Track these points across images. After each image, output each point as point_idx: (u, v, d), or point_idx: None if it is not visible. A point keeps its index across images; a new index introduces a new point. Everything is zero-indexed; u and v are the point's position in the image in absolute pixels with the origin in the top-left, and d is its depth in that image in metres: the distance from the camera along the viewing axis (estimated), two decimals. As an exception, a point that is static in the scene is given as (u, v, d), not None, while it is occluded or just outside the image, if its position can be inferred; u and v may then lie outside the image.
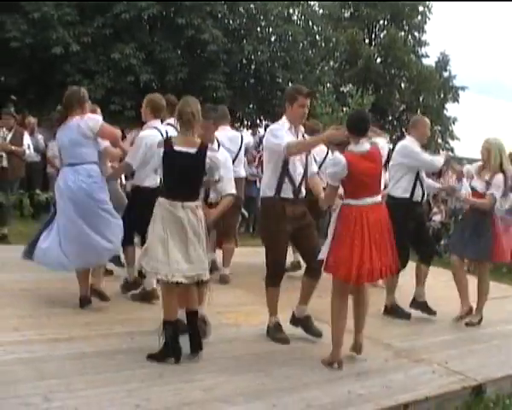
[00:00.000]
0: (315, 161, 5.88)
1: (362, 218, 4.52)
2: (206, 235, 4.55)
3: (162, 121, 6.21)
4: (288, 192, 5.15)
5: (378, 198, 4.69)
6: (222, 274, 7.44)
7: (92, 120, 5.56)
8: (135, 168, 5.88)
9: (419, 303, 6.54)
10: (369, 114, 5.65)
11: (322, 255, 4.75)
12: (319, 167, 6.32)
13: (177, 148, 4.44)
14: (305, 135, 5.44)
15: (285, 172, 5.13)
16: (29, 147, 9.84)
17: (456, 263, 6.58)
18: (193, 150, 4.47)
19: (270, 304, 5.31)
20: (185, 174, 4.46)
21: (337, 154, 4.72)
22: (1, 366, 4.08)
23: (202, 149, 4.51)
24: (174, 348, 4.46)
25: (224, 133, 7.14)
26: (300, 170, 5.25)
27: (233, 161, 6.37)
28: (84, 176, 5.42)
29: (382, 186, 5.23)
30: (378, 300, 6.29)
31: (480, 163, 6.53)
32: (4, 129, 9.51)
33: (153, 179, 5.78)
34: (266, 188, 5.22)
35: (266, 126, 15.86)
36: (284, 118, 5.25)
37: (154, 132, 5.83)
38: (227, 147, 6.45)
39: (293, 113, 5.19)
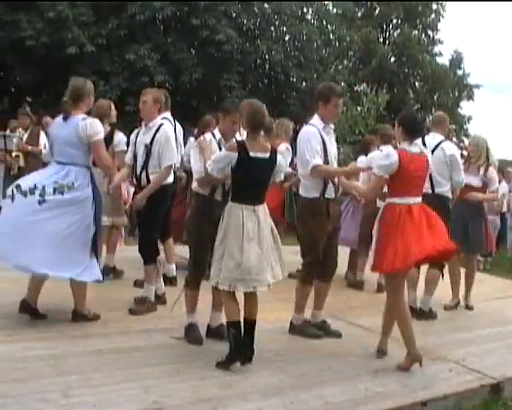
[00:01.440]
0: None
1: (405, 214, 4.54)
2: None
3: None
4: (330, 192, 5.17)
5: (419, 199, 4.71)
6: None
7: (93, 127, 5.01)
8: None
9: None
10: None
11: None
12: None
13: (252, 154, 4.31)
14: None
15: None
16: (45, 146, 9.88)
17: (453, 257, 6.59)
18: (266, 155, 4.39)
19: (302, 301, 5.33)
20: (260, 180, 4.41)
21: (389, 147, 4.72)
22: (20, 363, 4.11)
23: (273, 153, 4.44)
24: (239, 347, 4.33)
25: None
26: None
27: None
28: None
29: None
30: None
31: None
32: (20, 129, 9.58)
33: (172, 175, 5.80)
34: (311, 189, 5.16)
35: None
36: (317, 116, 5.24)
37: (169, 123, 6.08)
38: None
39: (328, 112, 5.21)
